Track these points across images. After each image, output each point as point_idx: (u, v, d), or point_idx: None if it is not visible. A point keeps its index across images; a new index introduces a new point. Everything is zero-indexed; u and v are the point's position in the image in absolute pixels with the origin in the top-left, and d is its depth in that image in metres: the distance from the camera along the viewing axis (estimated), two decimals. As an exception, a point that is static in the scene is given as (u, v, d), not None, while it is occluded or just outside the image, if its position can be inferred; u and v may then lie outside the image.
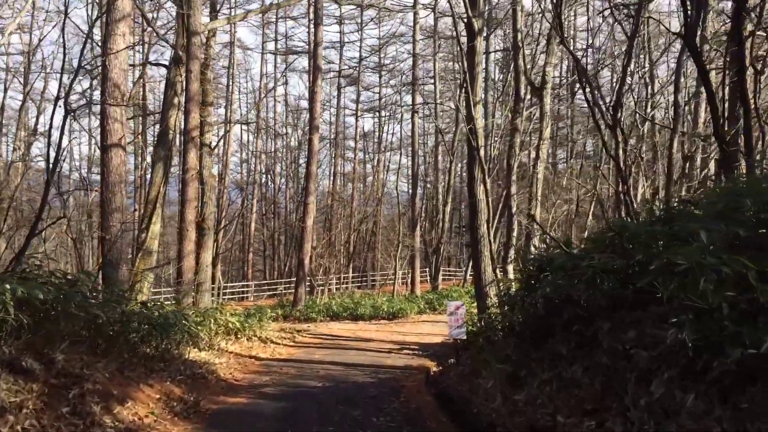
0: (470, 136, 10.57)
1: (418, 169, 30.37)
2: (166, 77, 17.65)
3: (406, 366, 11.80)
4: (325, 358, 12.44)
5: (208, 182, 23.05)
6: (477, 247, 10.80)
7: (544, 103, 14.53)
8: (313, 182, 23.02)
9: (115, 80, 10.42)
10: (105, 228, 10.34)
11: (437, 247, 27.77)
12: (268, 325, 15.38)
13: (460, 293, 22.68)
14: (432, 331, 17.46)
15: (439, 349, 14.29)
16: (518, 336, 8.09)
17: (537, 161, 14.22)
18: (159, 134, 17.14)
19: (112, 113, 10.41)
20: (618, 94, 7.09)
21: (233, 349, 12.72)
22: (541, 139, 14.31)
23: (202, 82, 23.51)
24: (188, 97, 14.22)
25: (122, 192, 10.57)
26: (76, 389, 6.17)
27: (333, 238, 34.16)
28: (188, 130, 14.21)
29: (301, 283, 22.41)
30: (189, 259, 14.27)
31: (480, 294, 11.13)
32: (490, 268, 10.87)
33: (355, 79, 44.40)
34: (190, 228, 14.33)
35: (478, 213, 10.77)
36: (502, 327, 9.37)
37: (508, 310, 8.58)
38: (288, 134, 45.44)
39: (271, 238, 43.64)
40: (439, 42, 34.16)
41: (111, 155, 10.42)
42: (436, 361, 12.50)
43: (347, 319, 20.07)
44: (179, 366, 9.26)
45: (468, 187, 10.96)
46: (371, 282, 38.19)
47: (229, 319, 13.42)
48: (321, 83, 23.49)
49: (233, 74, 35.37)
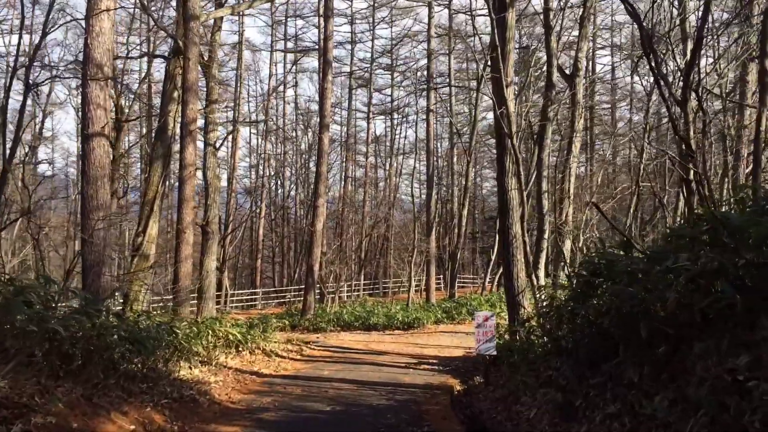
0: (501, 122, 9.24)
1: (434, 171, 29.03)
2: (165, 69, 16.52)
3: (427, 384, 10.43)
4: (335, 375, 11.11)
5: (212, 183, 21.88)
6: (509, 249, 9.44)
7: (576, 91, 13.18)
8: (322, 184, 21.72)
9: (98, 60, 9.21)
10: (85, 228, 9.10)
11: (454, 253, 26.37)
12: (273, 337, 14.07)
13: (480, 301, 21.26)
14: (451, 342, 16.07)
15: (461, 363, 12.91)
16: (568, 355, 6.73)
17: (569, 156, 12.86)
18: (157, 130, 15.97)
19: (95, 98, 9.20)
20: (692, 59, 5.73)
21: (233, 364, 11.43)
22: (573, 131, 12.94)
23: (206, 78, 22.42)
24: (186, 87, 13.00)
25: (105, 187, 9.33)
26: (18, 425, 4.88)
27: (344, 243, 32.91)
28: (186, 123, 12.98)
29: (311, 290, 21.10)
30: (186, 264, 13.01)
31: (512, 303, 9.75)
32: (524, 274, 9.50)
33: (366, 81, 43.26)
34: (188, 230, 13.08)
35: (509, 211, 9.42)
36: (543, 343, 8.00)
37: (552, 323, 7.22)
38: (298, 137, 44.31)
39: (281, 244, 42.45)
40: (455, 41, 32.85)
41: (93, 145, 9.20)
42: (459, 379, 11.14)
43: (359, 329, 18.73)
44: (165, 387, 7.97)
45: (498, 182, 9.63)
46: (383, 289, 36.82)
47: (229, 331, 12.14)
48: (331, 79, 22.27)
49: (241, 75, 34.25)
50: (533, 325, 8.35)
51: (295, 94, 44.53)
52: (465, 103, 46.23)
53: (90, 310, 6.65)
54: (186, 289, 13.14)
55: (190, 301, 18.05)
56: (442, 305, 21.33)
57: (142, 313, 9.35)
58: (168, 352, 9.05)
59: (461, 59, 43.01)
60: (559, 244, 12.52)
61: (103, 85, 9.28)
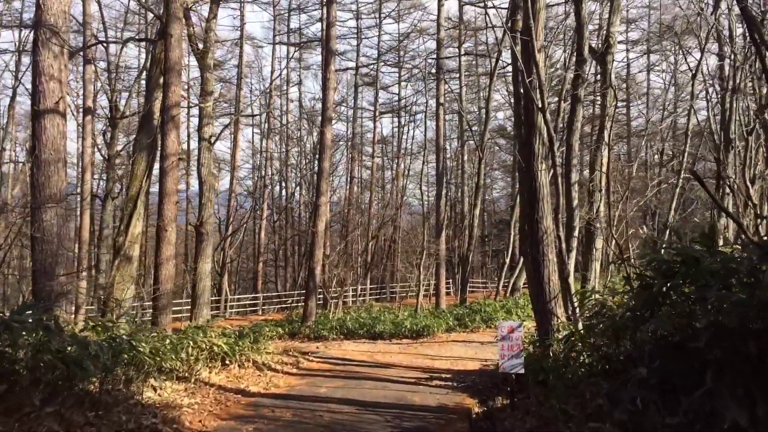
0: (530, 94, 7.73)
1: (444, 168, 27.47)
2: (150, 53, 15.10)
3: (440, 406, 8.91)
4: (333, 394, 9.59)
5: (207, 181, 20.46)
6: (538, 247, 7.90)
7: (608, 70, 11.64)
8: (325, 181, 20.21)
9: (52, 23, 7.79)
10: (35, 221, 7.65)
11: (465, 256, 24.78)
12: (267, 347, 12.58)
13: (495, 308, 19.66)
14: (465, 354, 14.53)
15: (478, 379, 11.38)
16: (626, 380, 5.21)
17: (600, 143, 11.32)
18: (141, 119, 14.56)
19: (47, 68, 7.78)
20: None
21: (217, 380, 9.95)
22: (604, 115, 11.40)
23: (201, 69, 21.02)
24: (168, 67, 11.56)
25: (60, 173, 7.89)
26: None
27: (349, 246, 31.41)
28: (168, 107, 11.54)
29: (312, 295, 19.58)
30: (168, 265, 11.55)
31: (542, 311, 8.18)
32: (557, 276, 7.97)
33: (373, 79, 41.85)
34: (170, 227, 11.63)
35: (539, 201, 7.90)
36: (586, 361, 6.46)
37: (603, 337, 5.67)
38: (303, 138, 42.87)
39: (284, 247, 40.99)
40: (465, 34, 31.39)
41: (45, 124, 7.77)
42: (477, 398, 9.58)
43: (364, 338, 17.20)
44: (120, 415, 6.50)
45: (524, 167, 8.11)
46: (390, 294, 35.25)
47: (213, 341, 10.65)
48: (334, 69, 20.81)
49: (242, 68, 32.91)
50: (573, 339, 6.79)
51: (299, 93, 43.22)
52: (474, 103, 44.76)
53: (13, 322, 5.17)
54: (168, 294, 11.67)
55: (173, 307, 16.58)
56: (453, 311, 19.76)
57: (97, 324, 7.86)
58: (129, 369, 7.59)
59: (470, 58, 41.58)
60: (591, 243, 10.96)
61: (58, 53, 7.85)
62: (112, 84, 23.01)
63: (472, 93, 45.36)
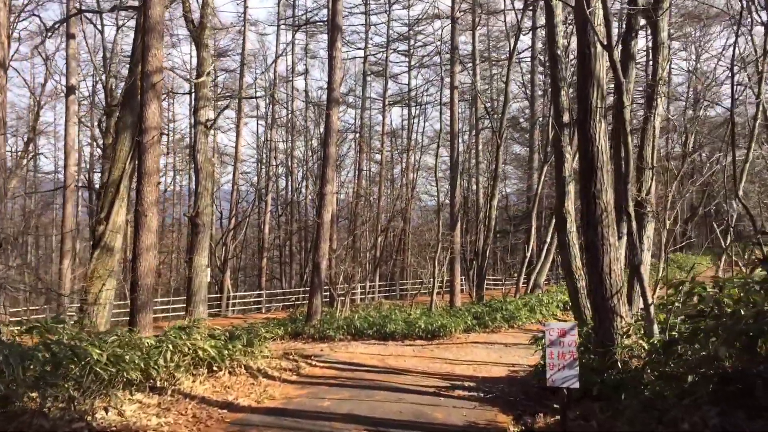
0: (589, 32, 6.08)
1: (458, 156, 25.76)
2: (136, 22, 13.54)
3: (468, 425, 7.27)
4: (338, 408, 7.98)
5: (203, 168, 18.95)
6: (596, 228, 6.21)
7: (659, 29, 9.95)
8: (330, 168, 18.58)
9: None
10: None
11: (483, 250, 23.06)
12: (263, 350, 10.99)
13: (517, 305, 17.96)
14: (488, 357, 12.89)
15: (508, 388, 9.72)
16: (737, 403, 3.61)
17: (652, 112, 9.63)
18: (124, 94, 13.03)
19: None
20: None
21: (200, 391, 8.38)
22: (656, 80, 9.71)
23: (197, 47, 19.44)
24: (148, 26, 9.96)
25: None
26: None
27: (357, 241, 29.82)
28: (148, 73, 9.96)
29: (317, 292, 17.98)
30: (147, 256, 9.97)
31: (601, 308, 6.47)
32: (618, 267, 6.29)
33: (382, 68, 40.20)
34: (150, 212, 10.05)
35: (597, 171, 6.25)
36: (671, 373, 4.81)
37: (720, 347, 4.03)
38: (309, 130, 41.23)
39: (289, 243, 39.43)
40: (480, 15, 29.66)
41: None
42: (511, 414, 7.94)
43: (373, 338, 15.60)
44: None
45: (579, 128, 6.45)
46: (401, 291, 33.58)
47: (198, 345, 9.07)
48: (340, 47, 19.16)
49: (245, 51, 31.35)
50: (654, 346, 5.13)
51: (305, 82, 41.65)
52: (486, 94, 42.97)
53: None
54: (148, 290, 10.10)
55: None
56: (471, 309, 18.09)
57: (35, 325, 6.28)
58: (87, 381, 6.02)
59: (483, 45, 39.86)
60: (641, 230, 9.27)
61: None
62: (107, 68, 21.53)
63: (485, 84, 43.66)
